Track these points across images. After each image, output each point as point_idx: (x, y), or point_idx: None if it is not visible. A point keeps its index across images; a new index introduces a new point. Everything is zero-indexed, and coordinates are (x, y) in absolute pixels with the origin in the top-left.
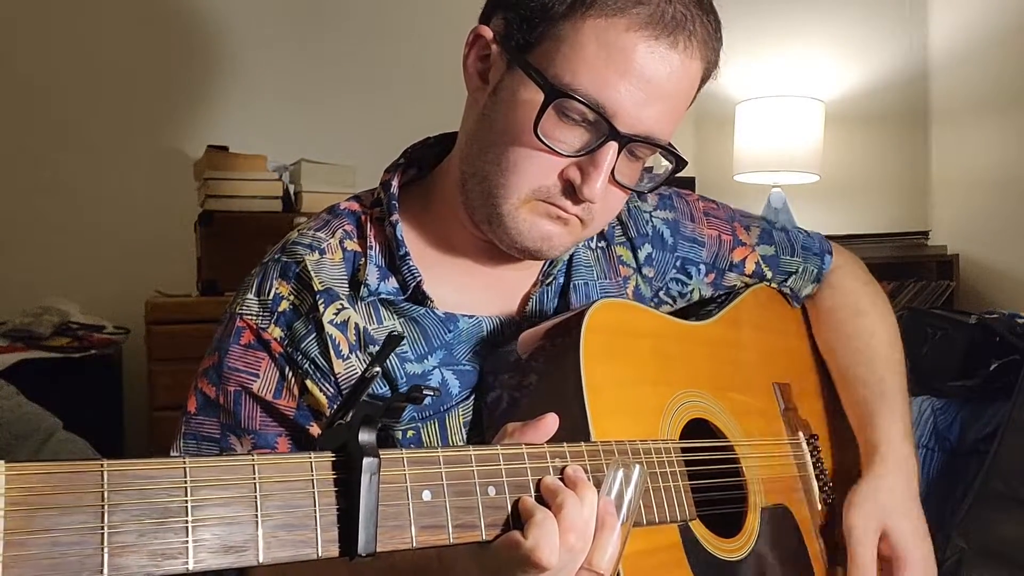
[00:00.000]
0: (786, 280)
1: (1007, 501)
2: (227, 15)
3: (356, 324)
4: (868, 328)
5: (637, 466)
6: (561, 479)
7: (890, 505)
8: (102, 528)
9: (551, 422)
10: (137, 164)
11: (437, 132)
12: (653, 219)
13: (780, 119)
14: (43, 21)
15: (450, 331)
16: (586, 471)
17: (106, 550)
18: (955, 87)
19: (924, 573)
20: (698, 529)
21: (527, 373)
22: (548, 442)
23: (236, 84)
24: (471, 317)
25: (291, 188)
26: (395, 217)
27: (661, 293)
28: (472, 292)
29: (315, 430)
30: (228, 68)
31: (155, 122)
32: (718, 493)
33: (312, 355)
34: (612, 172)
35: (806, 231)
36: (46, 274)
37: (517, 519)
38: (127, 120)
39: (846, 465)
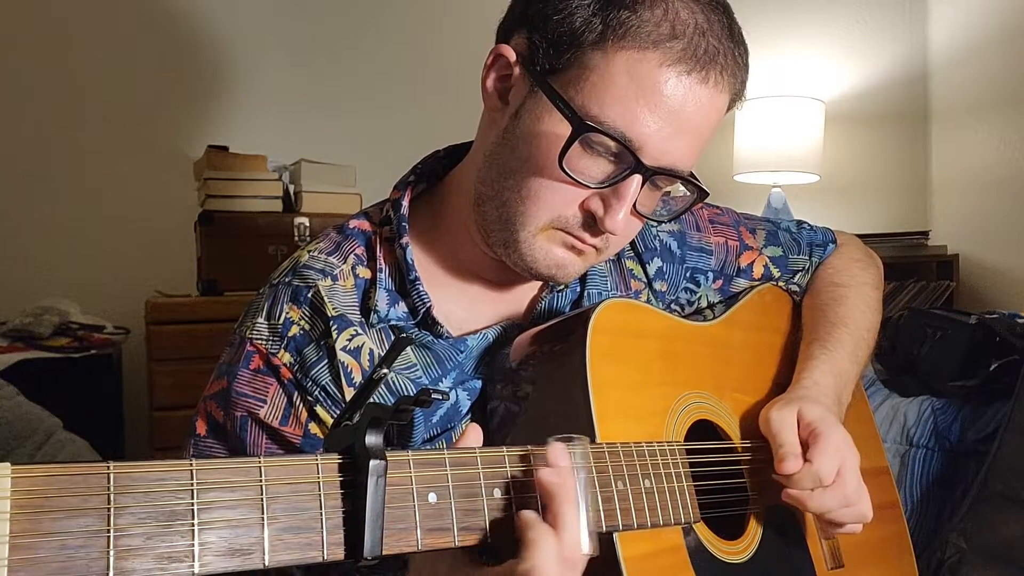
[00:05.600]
0: (793, 277)
1: (1007, 501)
2: (227, 16)
3: (371, 350)
4: (838, 296)
5: (575, 438)
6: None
7: (805, 401)
8: (108, 531)
9: (472, 433)
10: (137, 164)
11: (435, 131)
12: (660, 234)
13: (780, 119)
14: (43, 21)
15: (461, 351)
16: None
17: (112, 553)
18: (955, 87)
19: (840, 445)
20: (702, 531)
21: (524, 376)
22: None
23: (236, 84)
24: (478, 333)
25: (291, 188)
26: (405, 240)
27: (672, 304)
28: (480, 306)
29: None
30: (228, 68)
31: (155, 122)
32: (722, 495)
33: (323, 382)
34: (634, 203)
35: (810, 225)
36: (46, 274)
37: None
38: (127, 120)
39: None
